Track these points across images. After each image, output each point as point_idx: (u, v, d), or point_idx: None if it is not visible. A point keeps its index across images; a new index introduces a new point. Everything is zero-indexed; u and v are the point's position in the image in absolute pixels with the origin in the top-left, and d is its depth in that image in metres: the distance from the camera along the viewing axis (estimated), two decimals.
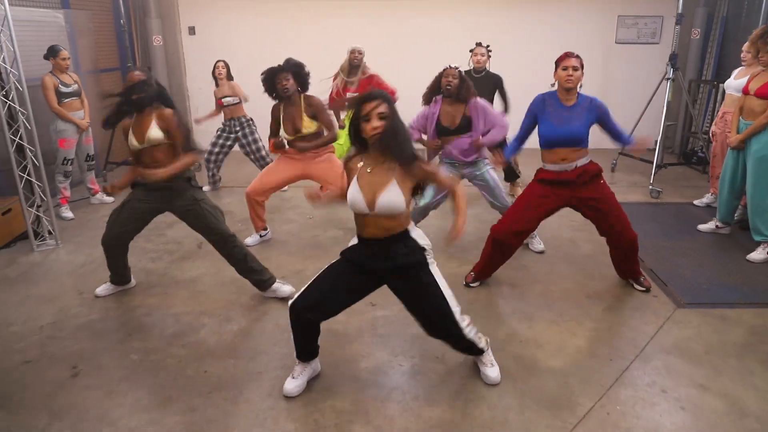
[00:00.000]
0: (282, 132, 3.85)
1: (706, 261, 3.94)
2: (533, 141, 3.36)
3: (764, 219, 3.88)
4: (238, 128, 5.31)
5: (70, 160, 4.88)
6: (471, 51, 5.06)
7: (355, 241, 2.39)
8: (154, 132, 3.02)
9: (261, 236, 4.28)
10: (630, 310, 3.28)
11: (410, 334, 2.98)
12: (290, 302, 2.38)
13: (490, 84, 4.95)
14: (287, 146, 3.94)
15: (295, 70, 3.77)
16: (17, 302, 3.39)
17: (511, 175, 5.25)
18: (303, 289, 2.37)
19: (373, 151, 2.23)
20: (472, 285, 3.52)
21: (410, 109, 3.70)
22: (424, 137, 3.92)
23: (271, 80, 3.76)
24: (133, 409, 2.41)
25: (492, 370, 2.57)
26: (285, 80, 3.72)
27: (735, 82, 4.51)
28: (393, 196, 2.18)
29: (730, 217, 4.35)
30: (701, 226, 4.50)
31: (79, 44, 5.88)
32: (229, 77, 5.45)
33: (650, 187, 5.53)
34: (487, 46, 5.07)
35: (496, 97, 5.00)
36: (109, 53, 6.96)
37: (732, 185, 4.15)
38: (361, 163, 2.26)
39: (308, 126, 3.81)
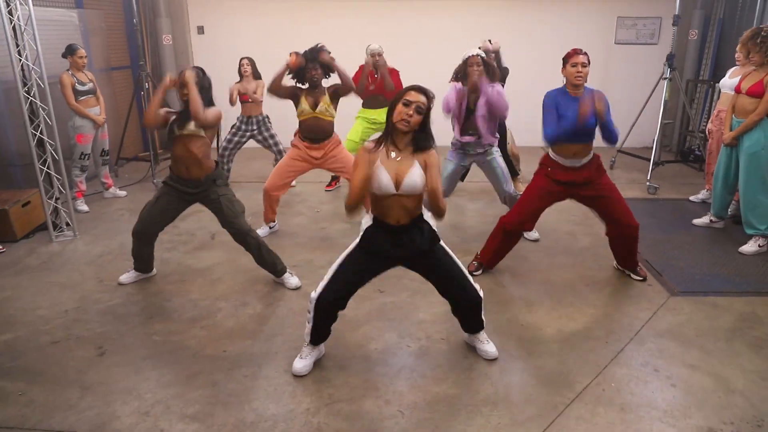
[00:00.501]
0: (301, 106, 4.08)
1: (700, 253, 4.09)
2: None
3: (756, 213, 4.04)
4: (255, 127, 5.44)
5: (87, 155, 5.04)
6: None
7: (369, 222, 2.55)
8: (194, 124, 3.20)
9: (270, 227, 4.46)
10: (626, 298, 3.45)
11: (417, 319, 3.15)
12: (316, 296, 2.52)
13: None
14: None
15: (323, 62, 4.04)
16: (41, 289, 3.55)
17: (510, 171, 5.40)
18: (326, 282, 2.52)
19: (399, 140, 2.44)
20: (475, 274, 3.67)
21: None
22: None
23: (302, 70, 4.02)
24: (159, 383, 2.57)
25: (489, 346, 2.77)
26: (314, 70, 4.01)
27: (729, 81, 4.65)
28: (415, 177, 2.41)
29: (724, 212, 4.50)
30: (696, 221, 4.65)
31: (91, 43, 6.04)
32: (256, 75, 5.46)
33: (647, 183, 5.69)
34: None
35: None
36: (121, 52, 7.13)
37: (725, 181, 4.30)
38: (382, 152, 2.44)
39: (326, 103, 4.07)
